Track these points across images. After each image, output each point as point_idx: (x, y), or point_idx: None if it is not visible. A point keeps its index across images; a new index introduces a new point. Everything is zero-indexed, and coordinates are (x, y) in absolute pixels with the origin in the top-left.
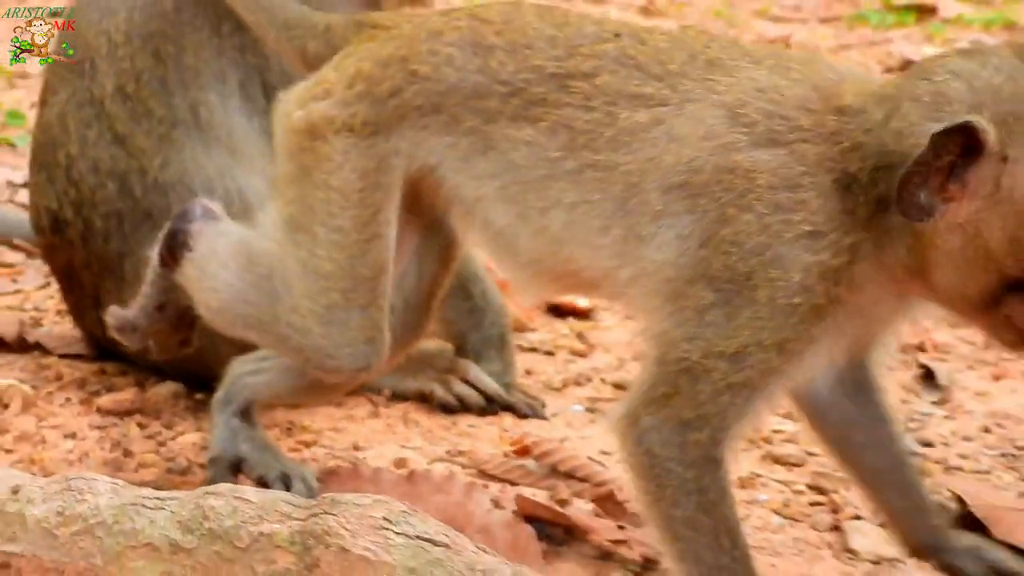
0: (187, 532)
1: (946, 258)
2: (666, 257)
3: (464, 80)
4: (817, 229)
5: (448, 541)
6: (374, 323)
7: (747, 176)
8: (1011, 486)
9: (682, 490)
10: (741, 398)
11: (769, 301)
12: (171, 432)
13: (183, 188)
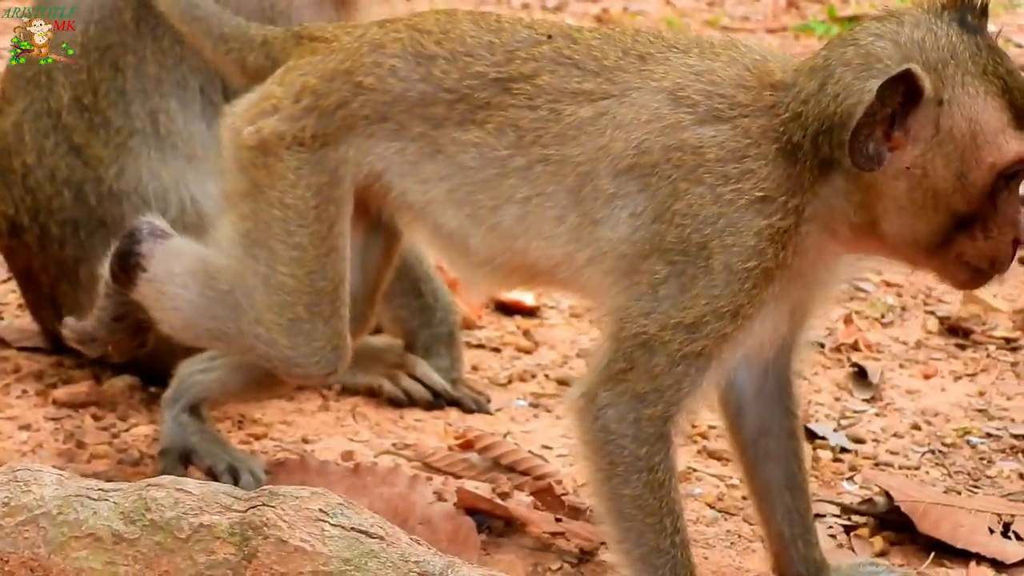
0: (130, 523)
1: (895, 205)
2: (620, 235)
3: (409, 89)
4: (767, 195)
5: (383, 533)
6: (337, 331)
7: (695, 151)
8: (938, 481)
9: (633, 468)
10: (695, 368)
11: (725, 268)
12: (125, 424)
13: (137, 197)
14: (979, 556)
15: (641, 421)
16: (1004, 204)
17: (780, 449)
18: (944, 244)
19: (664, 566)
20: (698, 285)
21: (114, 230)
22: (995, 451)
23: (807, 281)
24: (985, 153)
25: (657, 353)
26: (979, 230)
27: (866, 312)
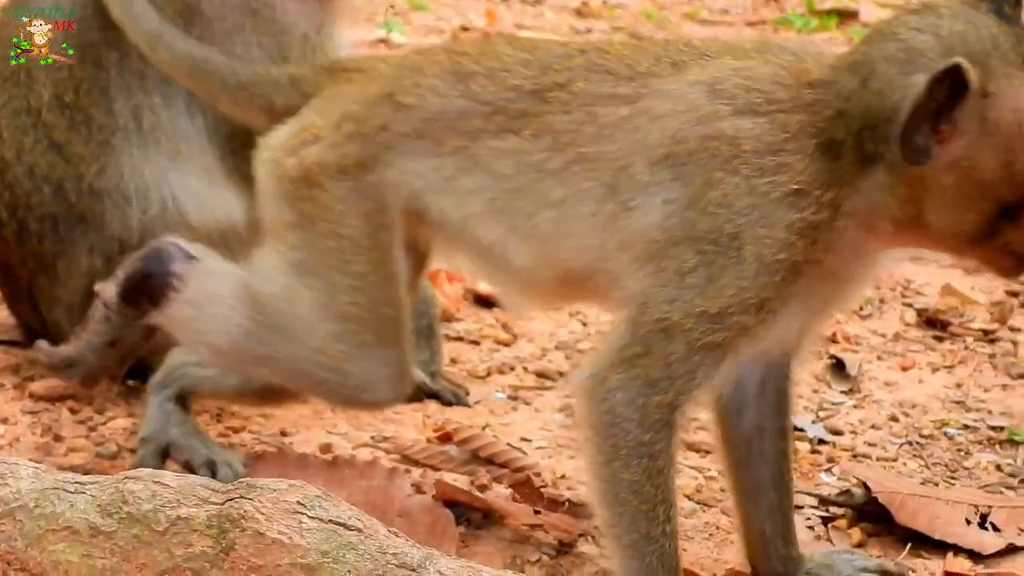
0: (107, 516)
1: (943, 197)
2: (652, 221)
3: (448, 105)
4: (802, 188)
5: (361, 525)
6: (404, 356)
7: (732, 142)
8: (916, 473)
9: (635, 453)
10: (712, 359)
11: (755, 259)
12: (102, 417)
13: (118, 194)
14: (956, 547)
15: (649, 407)
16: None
17: (772, 448)
18: (990, 234)
19: (652, 554)
20: (727, 275)
21: (93, 226)
22: (972, 443)
23: (839, 279)
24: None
25: (676, 340)
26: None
27: None
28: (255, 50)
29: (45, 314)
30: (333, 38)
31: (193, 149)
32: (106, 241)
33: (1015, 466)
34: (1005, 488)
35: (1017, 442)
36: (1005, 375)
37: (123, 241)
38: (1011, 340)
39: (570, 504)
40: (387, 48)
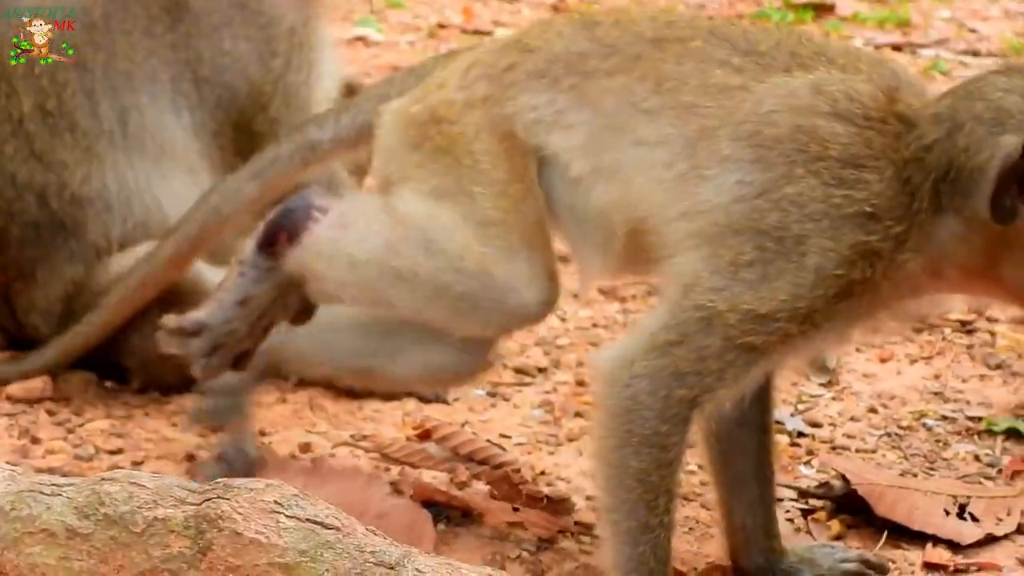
0: (83, 518)
1: (1017, 257)
2: (721, 200)
3: (572, 47)
4: (875, 212)
5: (339, 524)
6: (551, 263)
7: (822, 142)
8: (895, 464)
9: (648, 442)
10: (745, 361)
11: (816, 269)
12: (80, 419)
13: (101, 202)
14: (935, 538)
15: (672, 399)
16: None
17: (753, 442)
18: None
19: (646, 543)
20: (783, 279)
21: (74, 233)
22: (951, 433)
23: (890, 310)
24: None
25: (714, 334)
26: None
27: None
28: (243, 44)
29: (22, 319)
30: (319, 32)
31: (179, 148)
32: (86, 248)
33: (993, 456)
34: (984, 478)
35: (995, 432)
36: (983, 365)
37: (101, 249)
38: (988, 331)
39: (549, 500)
40: (364, 46)
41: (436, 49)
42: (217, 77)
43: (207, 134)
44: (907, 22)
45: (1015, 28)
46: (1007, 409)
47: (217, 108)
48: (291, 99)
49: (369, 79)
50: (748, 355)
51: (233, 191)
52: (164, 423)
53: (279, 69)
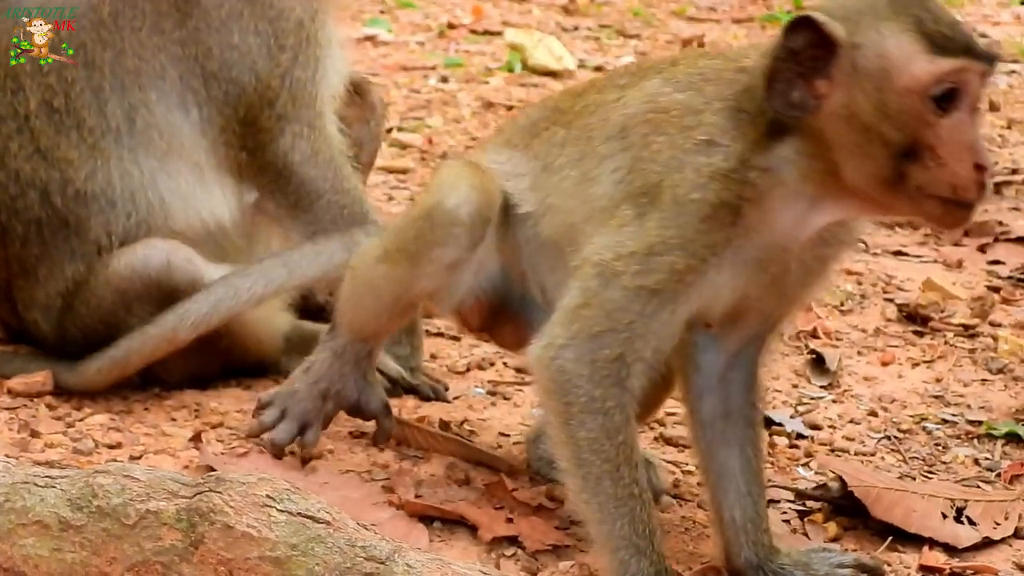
0: (76, 510)
1: (841, 148)
2: (605, 190)
3: (532, 115)
4: (711, 139)
5: (330, 518)
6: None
7: (666, 110)
8: (893, 467)
9: (588, 409)
10: (649, 308)
11: (672, 201)
12: (80, 414)
13: (105, 199)
14: (932, 541)
15: (597, 362)
16: (951, 130)
17: (737, 434)
18: (900, 179)
19: (622, 516)
20: (652, 218)
21: (76, 231)
22: (950, 437)
23: (781, 248)
24: (898, 80)
25: (611, 286)
26: (929, 159)
27: (825, 300)
28: (251, 38)
29: (23, 314)
30: (326, 28)
31: (186, 145)
32: (87, 246)
33: (992, 460)
34: (982, 482)
35: (995, 436)
36: (984, 370)
37: (103, 246)
38: (991, 335)
39: (542, 507)
40: (373, 46)
41: (446, 49)
42: (225, 72)
43: (214, 130)
44: None
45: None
46: (1008, 413)
47: (225, 104)
48: (298, 95)
49: (377, 79)
50: (649, 300)
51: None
52: (163, 418)
53: (286, 63)
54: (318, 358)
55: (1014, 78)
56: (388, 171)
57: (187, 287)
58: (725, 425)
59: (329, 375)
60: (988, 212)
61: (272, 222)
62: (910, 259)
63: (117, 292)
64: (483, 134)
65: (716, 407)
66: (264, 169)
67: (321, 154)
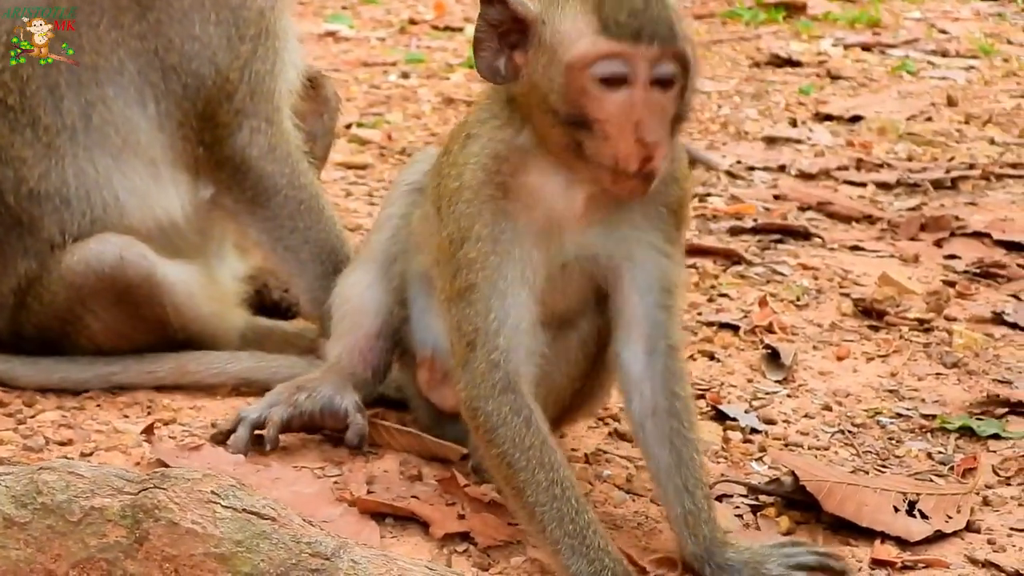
0: (21, 506)
1: (533, 117)
2: (432, 224)
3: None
4: (470, 133)
5: (275, 515)
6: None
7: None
8: (847, 462)
9: (489, 424)
10: (474, 304)
11: (447, 203)
12: (31, 410)
13: (59, 198)
14: (884, 535)
15: (478, 379)
16: (616, 106)
17: (665, 428)
18: (578, 147)
19: (551, 521)
20: (440, 229)
21: (29, 229)
22: (904, 431)
23: (551, 216)
24: (564, 55)
25: (451, 307)
26: (598, 132)
27: (781, 295)
28: (212, 29)
29: None
30: (283, 21)
31: (142, 141)
32: (40, 244)
33: (946, 454)
34: (935, 476)
35: (948, 430)
36: (939, 364)
37: (56, 244)
38: (946, 329)
39: (493, 503)
40: (334, 41)
41: (407, 45)
42: (185, 65)
43: (172, 125)
44: (877, 22)
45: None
46: (961, 407)
47: (183, 98)
48: (256, 89)
49: (338, 74)
50: (471, 296)
51: None
52: (115, 415)
53: (246, 55)
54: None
55: (972, 74)
56: (347, 167)
57: (140, 282)
58: (654, 423)
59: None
60: (945, 207)
61: (228, 218)
62: (866, 254)
63: (71, 288)
64: (443, 130)
65: (643, 405)
66: (221, 164)
67: (279, 149)
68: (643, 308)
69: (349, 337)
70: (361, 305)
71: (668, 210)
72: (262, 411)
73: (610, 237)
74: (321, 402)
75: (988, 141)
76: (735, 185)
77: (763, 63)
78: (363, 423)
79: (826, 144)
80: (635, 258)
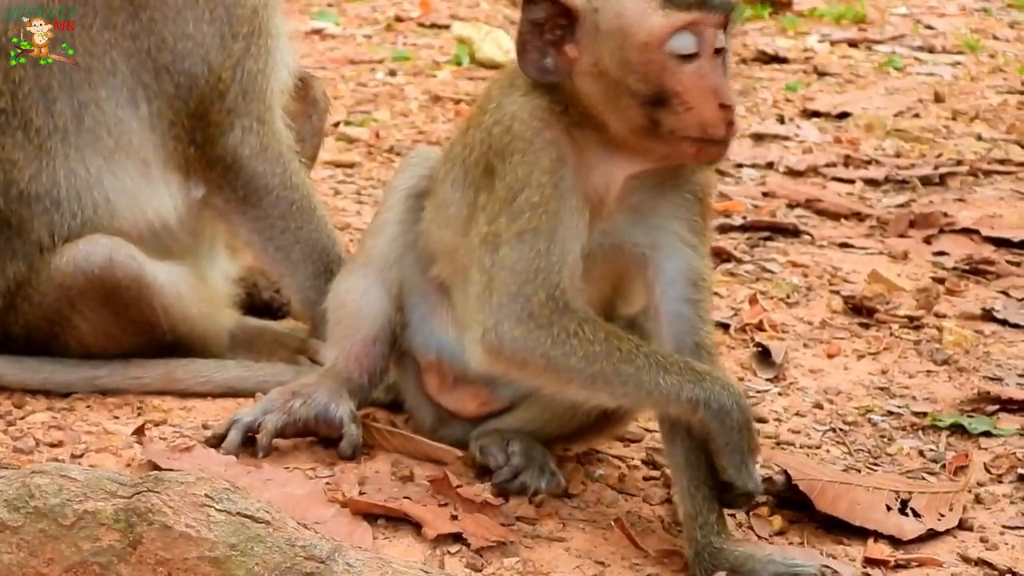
0: (13, 510)
1: (598, 103)
2: (456, 204)
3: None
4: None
5: (269, 518)
6: None
7: (473, 114)
8: (839, 460)
9: (560, 346)
10: (538, 244)
11: (502, 155)
12: (21, 412)
13: (49, 200)
14: (876, 533)
15: (533, 313)
16: (693, 76)
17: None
18: (655, 126)
19: (653, 373)
20: (496, 179)
21: (18, 231)
22: (896, 429)
23: (594, 190)
24: (636, 35)
25: (499, 247)
26: (677, 105)
27: (771, 292)
28: (206, 27)
29: None
30: (275, 20)
31: (134, 141)
32: (29, 246)
33: (937, 452)
34: (927, 474)
35: (940, 428)
36: (930, 361)
37: (45, 246)
38: (936, 326)
39: (486, 504)
40: (320, 39)
41: (393, 42)
42: (178, 63)
43: (163, 125)
44: (863, 18)
45: (970, 24)
46: (952, 405)
47: (175, 97)
48: (248, 88)
49: (324, 72)
50: (534, 240)
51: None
52: (106, 416)
53: (239, 53)
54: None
55: (959, 69)
56: (335, 165)
57: (129, 284)
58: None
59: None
60: (933, 203)
61: (219, 218)
62: (856, 251)
63: (60, 289)
64: (430, 128)
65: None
66: (213, 164)
67: (270, 149)
68: (668, 302)
69: (345, 342)
70: (358, 310)
71: (695, 197)
72: (256, 416)
73: (637, 225)
74: (316, 409)
75: (975, 137)
76: (723, 182)
77: (750, 60)
78: (357, 433)
79: (814, 141)
80: (661, 248)
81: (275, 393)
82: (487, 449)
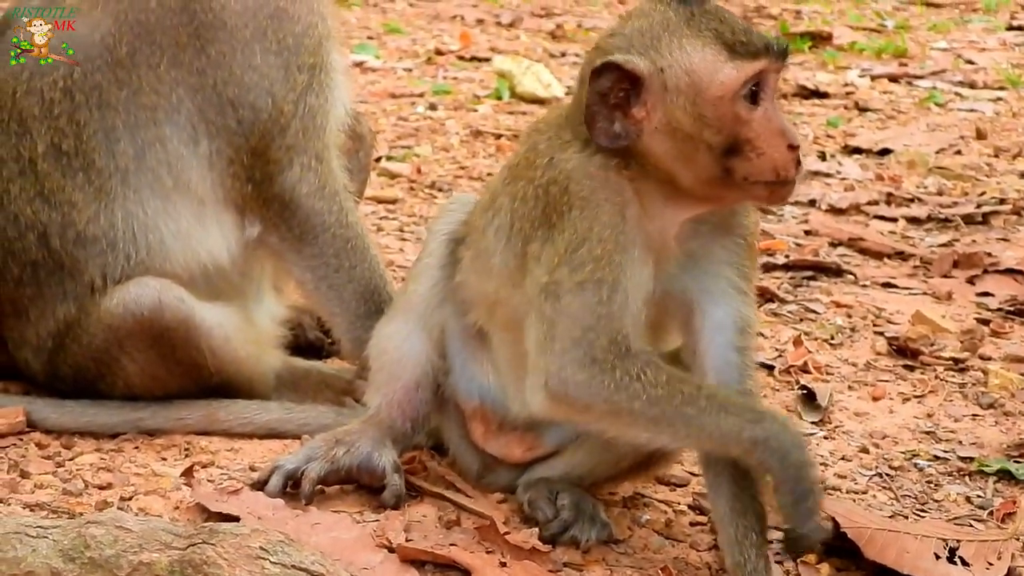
0: (69, 560)
1: (671, 160)
2: (501, 254)
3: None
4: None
5: (324, 571)
6: None
7: (516, 164)
8: (885, 506)
9: (623, 390)
10: (601, 293)
11: (556, 214)
12: (69, 453)
13: (106, 242)
14: None
15: (596, 358)
16: (762, 122)
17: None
18: (728, 174)
19: (714, 416)
20: (557, 231)
21: (71, 272)
22: (942, 474)
23: (653, 237)
24: (708, 90)
25: (561, 296)
26: (750, 152)
27: (816, 333)
28: (272, 58)
29: (13, 352)
30: (333, 54)
31: (193, 179)
32: (81, 288)
33: (985, 498)
34: (974, 521)
35: (987, 473)
36: (975, 405)
37: (96, 288)
38: (981, 369)
39: (535, 550)
40: (361, 72)
41: (433, 76)
42: (243, 96)
43: (222, 162)
44: (904, 52)
45: (1012, 59)
46: (999, 449)
47: (236, 134)
48: (309, 124)
49: (366, 106)
50: (597, 289)
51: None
52: (153, 457)
53: (302, 86)
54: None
55: (1000, 105)
56: (377, 201)
57: (177, 326)
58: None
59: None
60: (977, 243)
61: (273, 256)
62: (899, 291)
63: (109, 330)
64: (471, 163)
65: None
66: (269, 202)
67: (328, 187)
68: (715, 348)
69: (387, 388)
70: (400, 356)
71: (746, 242)
72: (299, 464)
73: (690, 271)
74: (359, 459)
75: (1018, 175)
76: (765, 220)
77: (790, 94)
78: (400, 484)
79: (855, 178)
80: (711, 293)
81: (319, 440)
82: (536, 504)
